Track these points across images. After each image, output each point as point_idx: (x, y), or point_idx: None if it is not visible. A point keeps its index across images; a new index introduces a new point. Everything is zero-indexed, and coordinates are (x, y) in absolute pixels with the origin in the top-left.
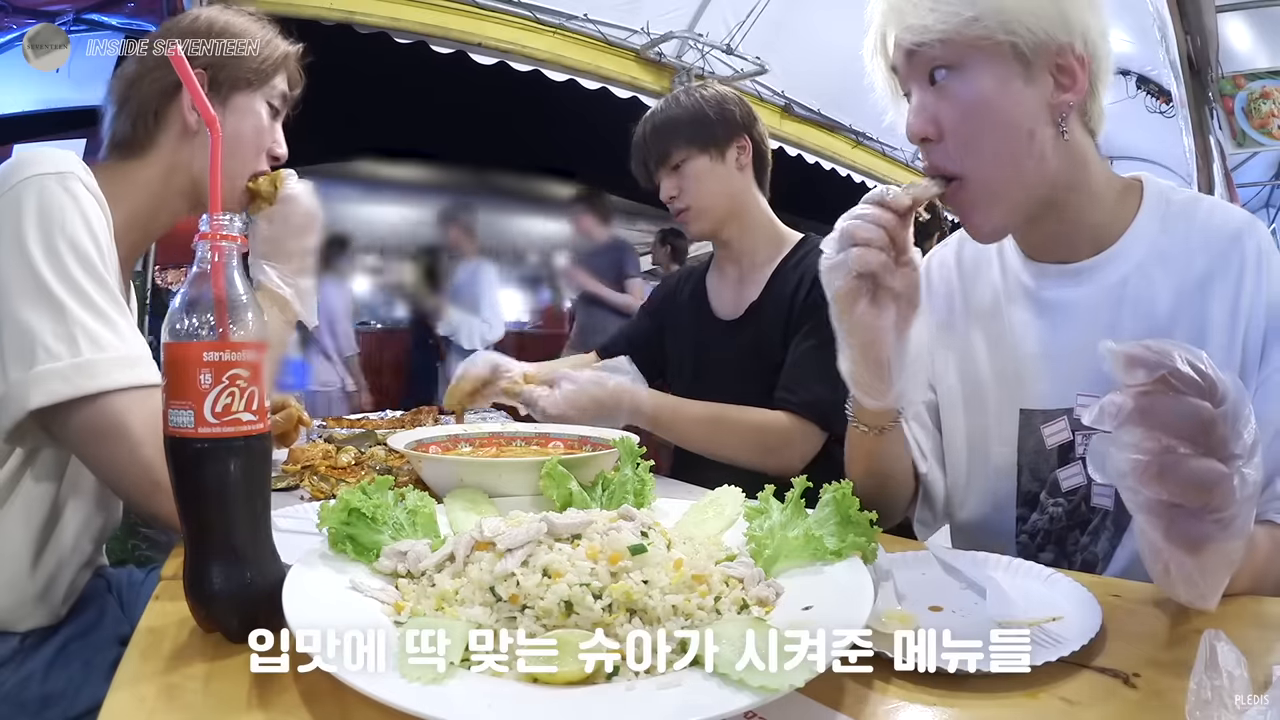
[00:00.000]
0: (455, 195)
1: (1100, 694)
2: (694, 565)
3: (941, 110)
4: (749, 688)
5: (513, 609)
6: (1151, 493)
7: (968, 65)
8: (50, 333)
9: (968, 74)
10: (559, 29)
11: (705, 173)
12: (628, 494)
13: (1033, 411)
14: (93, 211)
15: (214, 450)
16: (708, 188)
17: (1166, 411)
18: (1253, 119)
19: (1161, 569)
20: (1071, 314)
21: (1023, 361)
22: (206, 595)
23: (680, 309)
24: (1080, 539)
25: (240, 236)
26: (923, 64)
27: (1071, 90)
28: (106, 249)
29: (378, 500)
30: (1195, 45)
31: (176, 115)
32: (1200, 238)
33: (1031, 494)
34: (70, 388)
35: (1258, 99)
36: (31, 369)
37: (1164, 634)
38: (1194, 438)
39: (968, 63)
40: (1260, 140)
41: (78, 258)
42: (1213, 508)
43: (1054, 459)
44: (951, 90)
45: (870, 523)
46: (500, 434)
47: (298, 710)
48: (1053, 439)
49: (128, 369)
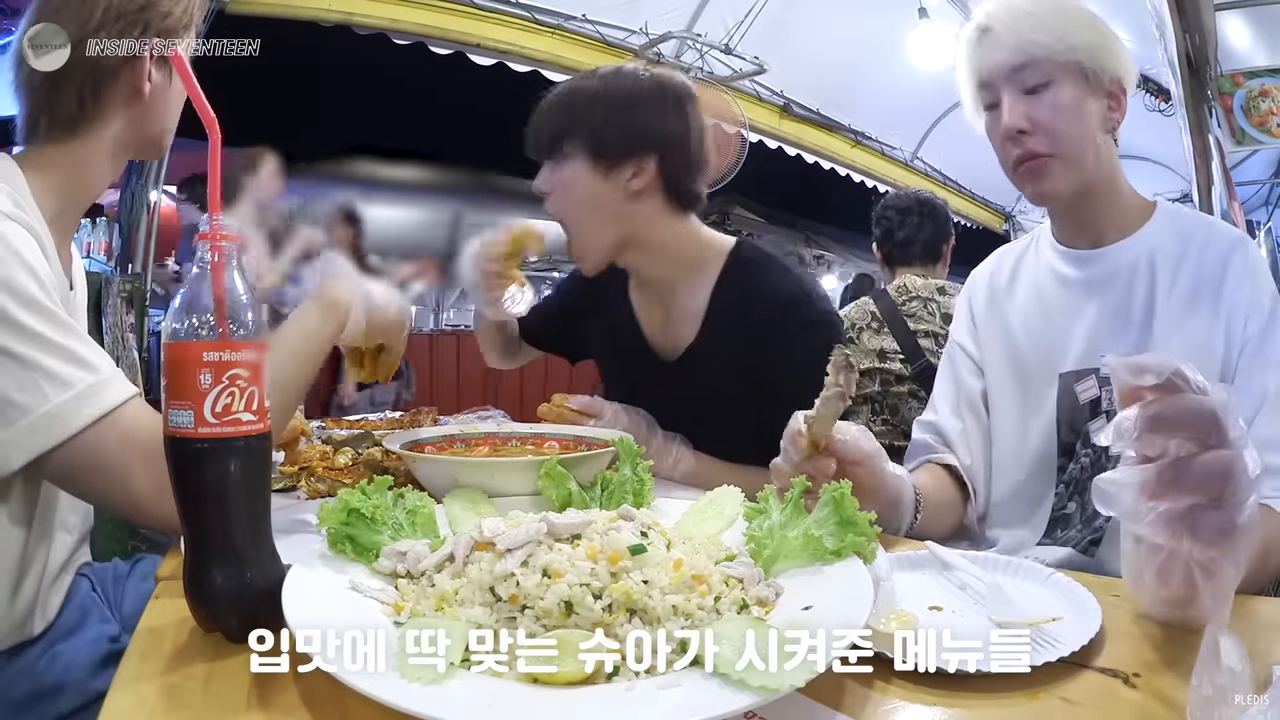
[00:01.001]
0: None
1: (1100, 694)
2: (694, 565)
3: (1036, 111)
4: (749, 688)
5: (513, 609)
6: (1170, 501)
7: (1060, 81)
8: (15, 387)
9: (1061, 88)
10: (557, 29)
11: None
12: (627, 494)
13: (1068, 373)
14: (23, 243)
15: (214, 450)
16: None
17: (1179, 411)
18: (1252, 117)
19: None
20: (1092, 288)
21: (1056, 331)
22: (206, 595)
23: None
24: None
25: (240, 237)
26: (1023, 79)
27: (1118, 110)
28: (43, 272)
29: (377, 500)
30: (1194, 43)
31: (125, 83)
32: (1200, 240)
33: (1069, 444)
34: (47, 439)
35: (1257, 97)
36: (6, 429)
37: (1164, 634)
38: (1206, 431)
39: (1060, 80)
40: (1259, 138)
41: (21, 302)
42: (1228, 496)
43: (1086, 413)
44: (1047, 98)
45: (870, 522)
46: (496, 434)
47: (298, 710)
48: (1084, 395)
49: (95, 398)
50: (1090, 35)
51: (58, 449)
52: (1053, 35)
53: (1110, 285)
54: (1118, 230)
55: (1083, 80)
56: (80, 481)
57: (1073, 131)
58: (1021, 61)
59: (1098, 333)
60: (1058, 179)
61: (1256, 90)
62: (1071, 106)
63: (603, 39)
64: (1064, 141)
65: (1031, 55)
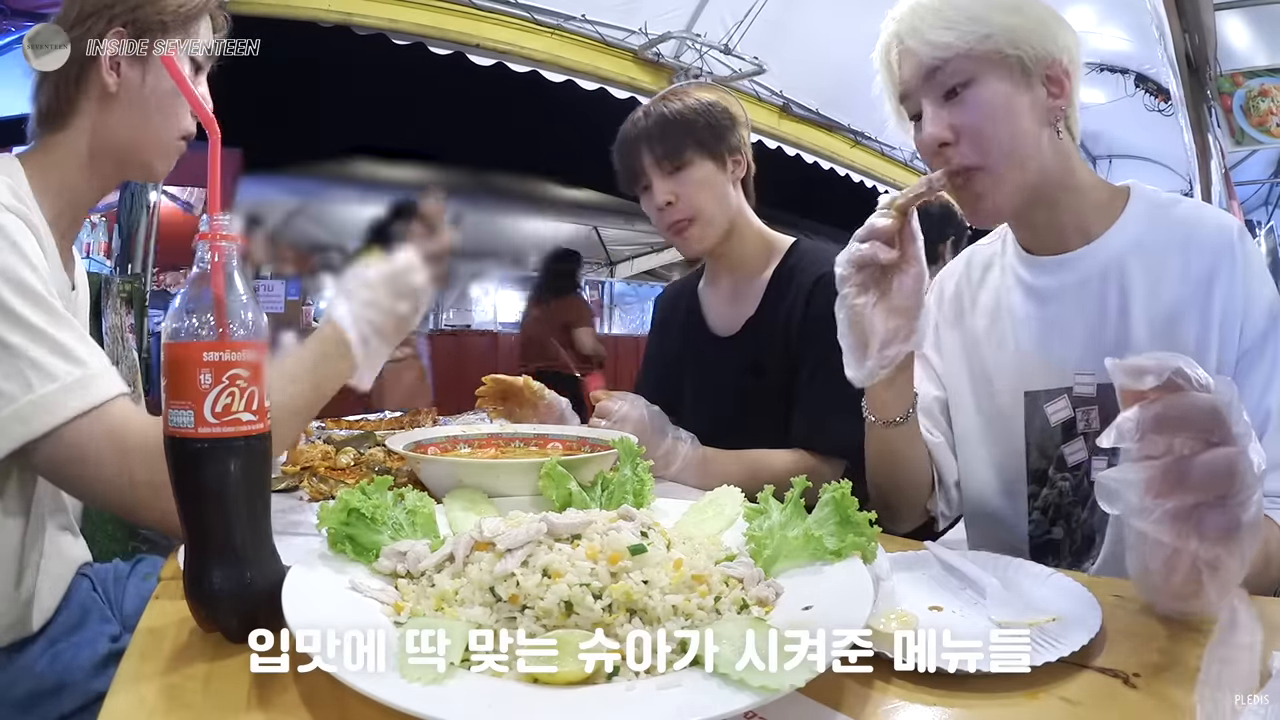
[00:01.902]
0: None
1: (1100, 694)
2: (694, 565)
3: (957, 117)
4: (749, 688)
5: (513, 609)
6: (1176, 500)
7: (981, 78)
8: (1, 375)
9: (982, 85)
10: (557, 30)
11: (712, 180)
12: (627, 494)
13: (1036, 392)
14: (21, 235)
15: (214, 450)
16: (714, 196)
17: (1181, 410)
18: (1251, 117)
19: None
20: (1062, 299)
21: (1023, 347)
22: (206, 595)
23: (676, 326)
24: (1081, 514)
25: (240, 237)
26: (940, 83)
27: (1061, 97)
28: (40, 265)
29: (377, 500)
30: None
31: (95, 78)
32: (1181, 232)
33: (1040, 470)
34: (29, 429)
35: (1256, 97)
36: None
37: (1164, 634)
38: (1210, 429)
39: (981, 76)
40: (1259, 138)
41: (15, 290)
42: (1234, 493)
43: (1059, 435)
44: (969, 100)
45: (870, 522)
46: (499, 435)
47: (298, 710)
48: (1056, 416)
49: (81, 392)
50: (1006, 17)
51: (42, 440)
52: (963, 27)
53: (1080, 296)
54: (1083, 232)
55: (1007, 72)
56: (66, 475)
57: (1002, 133)
58: (933, 63)
59: (1067, 349)
60: (994, 193)
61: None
62: (996, 104)
63: (602, 39)
64: (994, 147)
65: (942, 54)
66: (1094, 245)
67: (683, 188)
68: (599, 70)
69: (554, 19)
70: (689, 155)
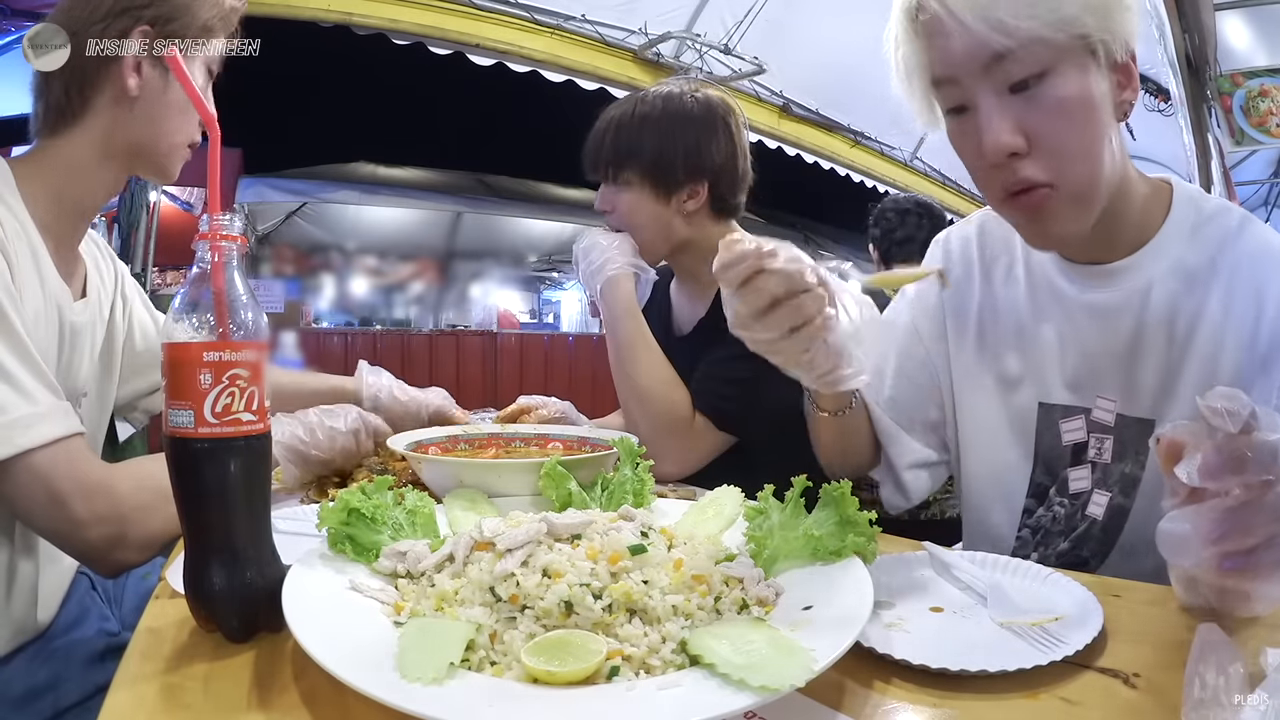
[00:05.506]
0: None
1: (1100, 694)
2: (694, 565)
3: (1031, 120)
4: (749, 688)
5: (513, 609)
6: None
7: (1058, 69)
8: None
9: (1059, 78)
10: (556, 29)
11: (645, 209)
12: (627, 494)
13: (1052, 406)
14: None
15: (214, 450)
16: (644, 224)
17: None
18: (1251, 117)
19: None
20: (1099, 316)
21: (1047, 357)
22: (206, 595)
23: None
24: (1061, 545)
25: (240, 237)
26: (1006, 72)
27: (1128, 88)
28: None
29: (377, 501)
30: (1193, 43)
31: (114, 79)
32: (1230, 253)
33: (1042, 487)
34: None
35: (1256, 97)
36: None
37: (1164, 634)
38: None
39: (1058, 66)
40: (1259, 138)
41: None
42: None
43: (1068, 457)
44: (1044, 97)
45: (870, 522)
46: (499, 435)
47: (298, 710)
48: (1069, 436)
49: (23, 431)
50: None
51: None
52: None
53: (1119, 317)
54: (1128, 242)
55: (1090, 59)
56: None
57: (1085, 142)
58: (1001, 48)
59: (1098, 372)
60: (1070, 218)
61: (1256, 90)
62: (1081, 103)
63: (602, 39)
64: (1075, 163)
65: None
66: (1134, 259)
67: (620, 202)
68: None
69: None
70: (627, 176)
